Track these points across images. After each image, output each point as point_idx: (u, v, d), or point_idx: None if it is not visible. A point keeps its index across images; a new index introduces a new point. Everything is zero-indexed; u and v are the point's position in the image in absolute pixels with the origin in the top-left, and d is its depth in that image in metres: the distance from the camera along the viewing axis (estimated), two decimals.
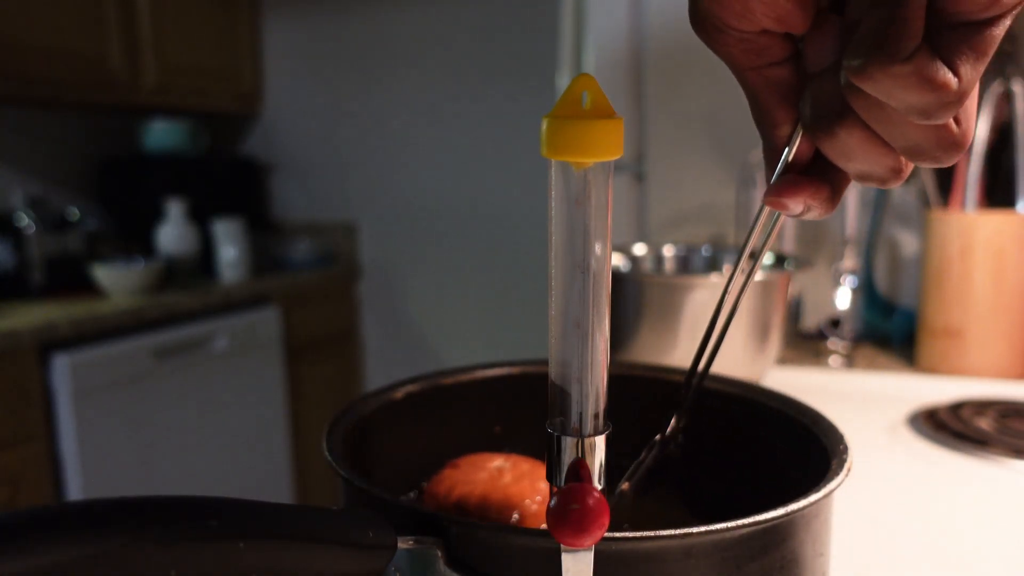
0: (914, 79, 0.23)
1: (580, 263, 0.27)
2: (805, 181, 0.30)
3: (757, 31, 0.28)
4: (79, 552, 0.22)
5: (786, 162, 0.30)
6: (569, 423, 0.29)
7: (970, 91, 0.23)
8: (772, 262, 0.92)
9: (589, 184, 0.26)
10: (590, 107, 0.26)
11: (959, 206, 0.97)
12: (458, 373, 0.49)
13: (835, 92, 0.27)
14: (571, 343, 0.28)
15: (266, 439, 2.30)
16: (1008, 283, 0.92)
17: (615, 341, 0.79)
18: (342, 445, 0.39)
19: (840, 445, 0.37)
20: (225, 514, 0.25)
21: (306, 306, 2.47)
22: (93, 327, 1.80)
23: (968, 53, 0.23)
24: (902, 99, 0.23)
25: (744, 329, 0.78)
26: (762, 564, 0.31)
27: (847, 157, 0.28)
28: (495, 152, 2.45)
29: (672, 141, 1.30)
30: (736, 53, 0.29)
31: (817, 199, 0.30)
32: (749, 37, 0.28)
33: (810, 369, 1.00)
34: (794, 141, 0.30)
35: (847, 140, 0.27)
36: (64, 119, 2.37)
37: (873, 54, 0.23)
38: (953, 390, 0.88)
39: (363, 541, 0.28)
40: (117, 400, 1.84)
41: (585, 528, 0.27)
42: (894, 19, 0.23)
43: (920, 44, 0.23)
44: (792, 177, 0.30)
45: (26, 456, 1.69)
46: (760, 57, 0.29)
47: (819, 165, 0.30)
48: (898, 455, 0.71)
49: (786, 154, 0.30)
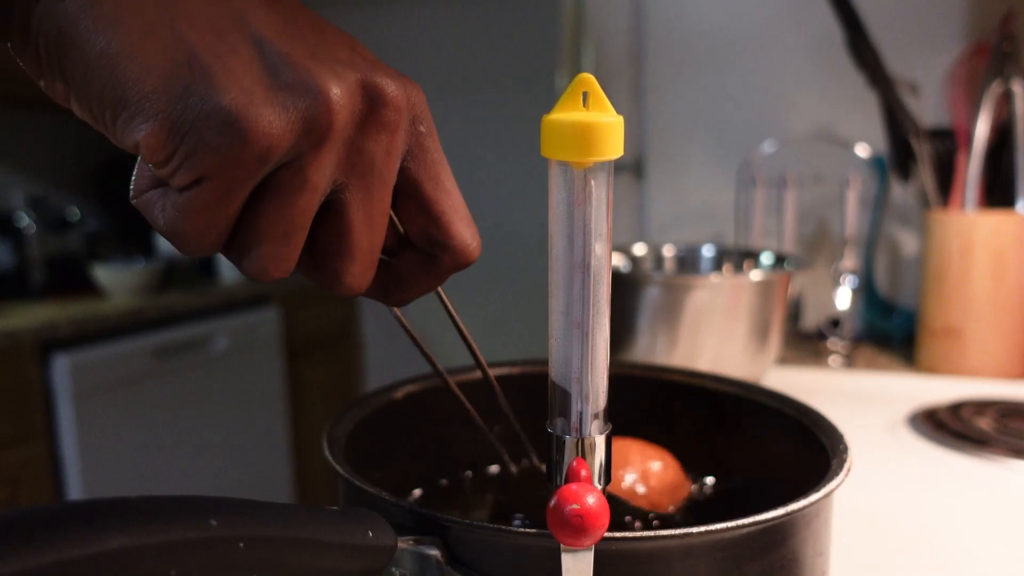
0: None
1: (580, 263, 0.27)
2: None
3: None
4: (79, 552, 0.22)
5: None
6: (569, 423, 0.29)
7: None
8: (772, 262, 0.92)
9: (589, 184, 0.26)
10: (590, 107, 0.26)
11: (959, 206, 0.97)
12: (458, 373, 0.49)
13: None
14: (571, 343, 0.28)
15: (266, 439, 2.30)
16: (1008, 283, 0.92)
17: (615, 341, 0.79)
18: (342, 445, 0.39)
19: (840, 445, 0.37)
20: (225, 514, 0.25)
21: (306, 306, 2.47)
22: (93, 327, 1.79)
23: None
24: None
25: (744, 329, 0.78)
26: (762, 564, 0.31)
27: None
28: (495, 152, 2.45)
29: (672, 141, 1.30)
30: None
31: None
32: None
33: (810, 369, 1.00)
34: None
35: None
36: (64, 119, 2.37)
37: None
38: (953, 390, 0.88)
39: (363, 541, 0.28)
40: (117, 400, 1.84)
41: (585, 528, 0.27)
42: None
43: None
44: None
45: (26, 456, 1.69)
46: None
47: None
48: (898, 455, 0.71)
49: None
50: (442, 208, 0.30)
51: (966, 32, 1.12)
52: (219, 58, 0.24)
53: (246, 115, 0.24)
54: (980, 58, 1.01)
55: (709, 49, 1.26)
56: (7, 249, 1.99)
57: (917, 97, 1.06)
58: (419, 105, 0.29)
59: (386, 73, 0.27)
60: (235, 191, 0.25)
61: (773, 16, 1.22)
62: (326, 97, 0.25)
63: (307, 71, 0.25)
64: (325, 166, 0.26)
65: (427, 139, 0.29)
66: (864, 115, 1.14)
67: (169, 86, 0.24)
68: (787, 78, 1.22)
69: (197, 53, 0.24)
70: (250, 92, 0.24)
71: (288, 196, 0.26)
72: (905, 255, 1.18)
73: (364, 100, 0.27)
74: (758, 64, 1.23)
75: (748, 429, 0.47)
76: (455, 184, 0.31)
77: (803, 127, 1.22)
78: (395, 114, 0.27)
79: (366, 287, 0.30)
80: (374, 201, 0.28)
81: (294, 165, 0.26)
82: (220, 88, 0.24)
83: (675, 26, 1.28)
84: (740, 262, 0.96)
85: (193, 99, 0.24)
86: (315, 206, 0.27)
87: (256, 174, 0.25)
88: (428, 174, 0.30)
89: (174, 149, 0.25)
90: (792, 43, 1.21)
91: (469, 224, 0.31)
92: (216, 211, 0.26)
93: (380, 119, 0.27)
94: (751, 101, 1.24)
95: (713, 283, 0.78)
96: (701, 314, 0.77)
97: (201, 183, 0.25)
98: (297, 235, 0.27)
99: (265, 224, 0.27)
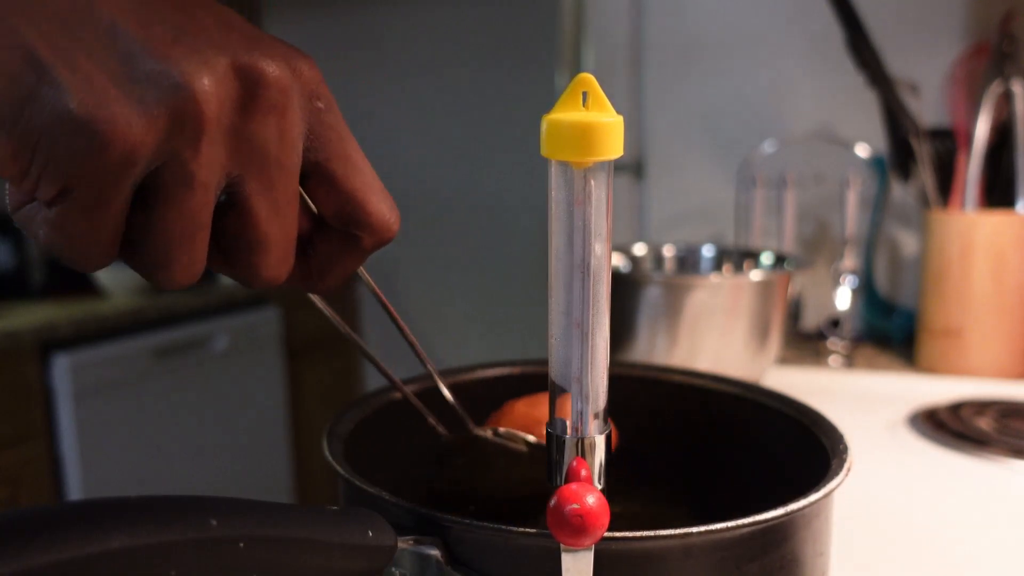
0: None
1: (580, 263, 0.27)
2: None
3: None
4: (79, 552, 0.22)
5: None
6: (569, 423, 0.29)
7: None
8: (772, 262, 0.92)
9: (589, 184, 0.26)
10: (590, 107, 0.26)
11: (959, 206, 0.97)
12: (458, 373, 0.49)
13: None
14: (571, 343, 0.28)
15: (266, 439, 2.30)
16: (1008, 283, 0.92)
17: (615, 341, 0.79)
18: (342, 445, 0.39)
19: (840, 445, 0.37)
20: (225, 514, 0.25)
21: (306, 306, 2.45)
22: (93, 327, 1.79)
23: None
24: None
25: (744, 329, 0.78)
26: (762, 564, 0.31)
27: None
28: (495, 152, 2.45)
29: (672, 141, 1.30)
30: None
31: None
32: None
33: (810, 369, 1.00)
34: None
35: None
36: None
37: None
38: (953, 390, 0.88)
39: (363, 541, 0.28)
40: (117, 400, 1.84)
41: (585, 528, 0.27)
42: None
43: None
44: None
45: (26, 456, 1.69)
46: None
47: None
48: (898, 455, 0.71)
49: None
50: (354, 185, 0.28)
51: (966, 32, 1.12)
52: (63, 54, 0.22)
53: (98, 116, 0.22)
54: (980, 58, 1.01)
55: (709, 49, 1.26)
56: (7, 249, 1.99)
57: (917, 97, 1.06)
58: (312, 80, 0.27)
59: (266, 51, 0.25)
60: (106, 200, 0.23)
61: (773, 16, 1.22)
62: (191, 87, 0.23)
63: (168, 59, 0.23)
64: (210, 161, 0.24)
65: (327, 115, 0.27)
66: (864, 115, 1.14)
67: (11, 92, 0.22)
68: (787, 78, 1.22)
69: (38, 51, 0.22)
70: (102, 90, 0.22)
71: (176, 197, 0.24)
72: (905, 255, 1.18)
73: (240, 85, 0.24)
74: (758, 64, 1.23)
75: (748, 429, 0.47)
76: (365, 159, 0.29)
77: (803, 127, 1.22)
78: (279, 95, 0.25)
79: (285, 276, 0.29)
80: (276, 189, 0.26)
81: (174, 164, 0.24)
82: (66, 89, 0.22)
83: (675, 26, 1.28)
84: (740, 262, 0.96)
85: (39, 104, 0.22)
86: (210, 203, 0.25)
87: (125, 179, 0.23)
88: (334, 152, 0.28)
89: (28, 162, 0.22)
90: (792, 43, 1.21)
91: (385, 198, 0.29)
92: (92, 223, 0.24)
93: (263, 103, 0.25)
94: (751, 101, 1.24)
95: (713, 283, 0.78)
96: (701, 314, 0.77)
97: (67, 195, 0.23)
98: (198, 236, 0.25)
99: (159, 229, 0.25)
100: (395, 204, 0.30)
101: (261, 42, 0.25)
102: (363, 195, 0.29)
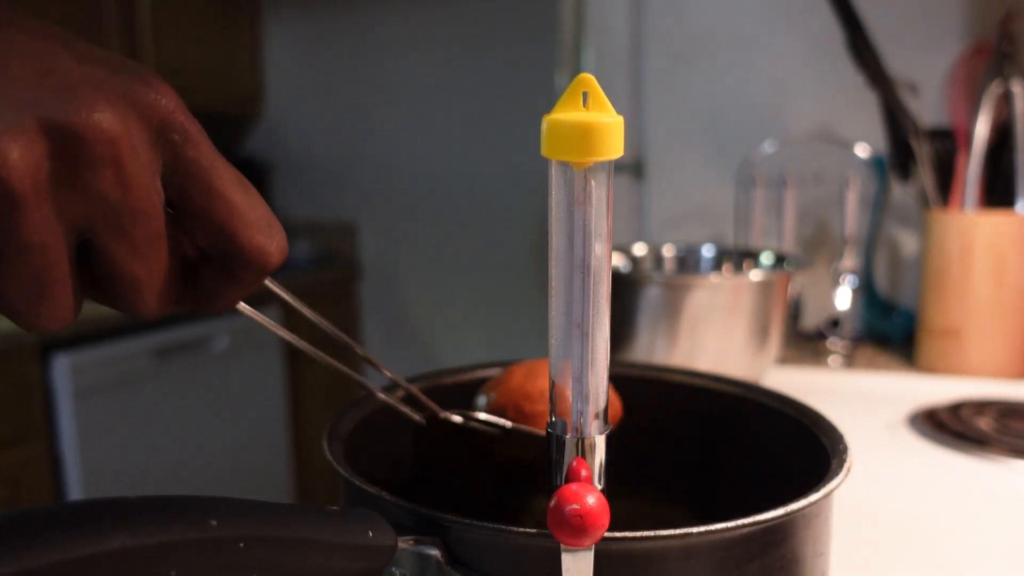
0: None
1: (580, 263, 0.27)
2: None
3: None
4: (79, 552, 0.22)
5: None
6: (569, 423, 0.29)
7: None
8: (772, 262, 0.92)
9: (589, 184, 0.26)
10: (590, 107, 0.26)
11: (959, 206, 0.97)
12: (458, 373, 0.49)
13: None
14: (571, 343, 0.28)
15: (266, 439, 2.30)
16: (1008, 283, 0.92)
17: (615, 341, 0.79)
18: (342, 445, 0.39)
19: (840, 445, 0.37)
20: (225, 514, 0.25)
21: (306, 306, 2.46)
22: (93, 327, 1.79)
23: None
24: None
25: (744, 329, 0.78)
26: (762, 564, 0.31)
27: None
28: (496, 153, 2.45)
29: (672, 141, 1.30)
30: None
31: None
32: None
33: (810, 369, 1.00)
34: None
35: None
36: None
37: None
38: (953, 390, 0.88)
39: (363, 541, 0.28)
40: (117, 400, 1.84)
41: (585, 528, 0.27)
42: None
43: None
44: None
45: (26, 456, 1.69)
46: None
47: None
48: (898, 455, 0.71)
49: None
50: (221, 220, 0.27)
51: (966, 32, 1.12)
52: None
53: None
54: (980, 58, 1.01)
55: (709, 49, 1.26)
56: None
57: (917, 97, 1.06)
58: (160, 113, 0.25)
59: (87, 98, 0.23)
60: None
61: (773, 16, 1.22)
62: None
63: None
64: (39, 224, 0.23)
65: (185, 147, 0.26)
66: (864, 115, 1.14)
67: None
68: (787, 78, 1.22)
69: None
70: None
71: (17, 260, 0.24)
72: (905, 255, 1.18)
73: (54, 145, 0.23)
74: (758, 64, 1.23)
75: (748, 429, 0.47)
76: (238, 187, 0.27)
77: (803, 127, 1.22)
78: (106, 147, 0.24)
79: (167, 309, 0.28)
80: (132, 233, 0.25)
81: (3, 233, 0.23)
82: None
83: (675, 26, 1.28)
84: (740, 262, 0.96)
85: None
86: (58, 258, 0.24)
87: None
88: (196, 187, 0.26)
89: None
90: (792, 43, 1.21)
91: (260, 228, 0.28)
92: None
93: (87, 158, 0.23)
94: (751, 101, 1.24)
95: (713, 283, 0.78)
96: (701, 314, 0.77)
97: None
98: (54, 288, 0.25)
99: (15, 287, 0.24)
100: (279, 230, 0.28)
101: (81, 87, 0.23)
102: (232, 228, 0.27)
